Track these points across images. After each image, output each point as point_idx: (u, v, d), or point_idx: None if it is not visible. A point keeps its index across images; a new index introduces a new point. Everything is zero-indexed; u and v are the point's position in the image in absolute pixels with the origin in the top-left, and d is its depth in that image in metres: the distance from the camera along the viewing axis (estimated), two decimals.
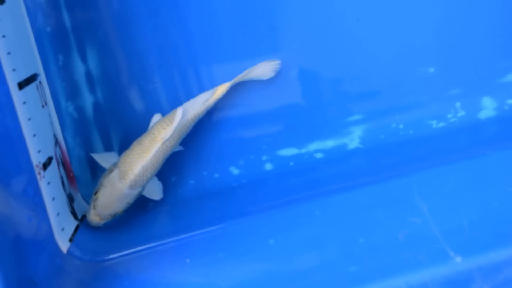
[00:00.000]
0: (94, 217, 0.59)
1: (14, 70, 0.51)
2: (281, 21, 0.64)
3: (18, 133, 0.50)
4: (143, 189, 0.61)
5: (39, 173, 0.52)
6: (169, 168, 0.64)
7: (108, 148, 0.66)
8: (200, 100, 0.61)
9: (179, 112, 0.60)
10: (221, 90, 0.62)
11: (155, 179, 0.63)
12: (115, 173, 0.59)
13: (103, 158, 0.63)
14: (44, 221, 0.51)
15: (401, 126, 0.67)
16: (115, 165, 0.60)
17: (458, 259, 0.45)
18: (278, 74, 0.65)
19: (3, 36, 0.50)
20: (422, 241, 0.49)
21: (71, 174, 0.64)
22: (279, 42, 0.64)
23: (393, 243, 0.50)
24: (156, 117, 0.63)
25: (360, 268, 0.48)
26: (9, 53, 0.51)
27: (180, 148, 0.63)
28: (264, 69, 0.63)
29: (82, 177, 0.66)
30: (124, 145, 0.65)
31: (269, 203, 0.59)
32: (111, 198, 0.58)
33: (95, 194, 0.59)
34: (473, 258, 0.45)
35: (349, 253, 0.50)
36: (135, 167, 0.59)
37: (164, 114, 0.63)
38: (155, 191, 0.64)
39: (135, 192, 0.59)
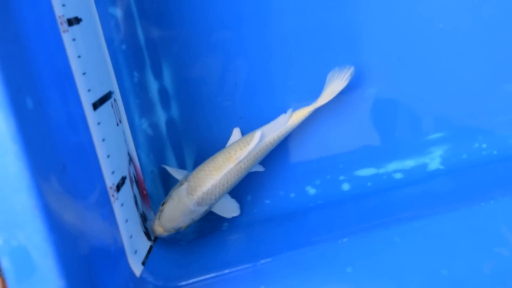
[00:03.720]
0: (158, 228, 0.58)
1: (89, 90, 0.51)
2: (358, 38, 0.62)
3: (92, 155, 0.49)
4: (210, 207, 0.60)
5: (113, 195, 0.51)
6: (245, 187, 0.63)
7: (181, 165, 0.65)
8: (279, 124, 0.60)
9: (257, 134, 0.59)
10: (300, 115, 0.60)
11: (229, 198, 0.62)
12: (184, 187, 0.58)
13: (175, 171, 0.62)
14: (117, 244, 0.51)
15: (484, 145, 0.64)
16: (186, 178, 0.59)
17: None
18: (355, 91, 0.63)
19: (79, 57, 0.50)
20: (509, 274, 0.46)
21: (145, 192, 0.63)
22: (356, 59, 0.62)
23: (478, 276, 0.47)
24: (236, 131, 0.63)
25: None
26: (84, 74, 0.50)
27: (261, 168, 0.62)
28: (338, 82, 0.61)
29: (156, 195, 0.65)
30: (198, 163, 0.64)
31: (346, 228, 0.57)
32: (177, 212, 0.58)
33: (163, 205, 0.59)
34: None
35: (431, 286, 0.47)
36: (204, 184, 0.58)
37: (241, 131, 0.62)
38: (230, 209, 0.63)
39: (201, 210, 0.59)
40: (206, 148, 0.64)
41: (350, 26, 0.62)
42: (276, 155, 0.64)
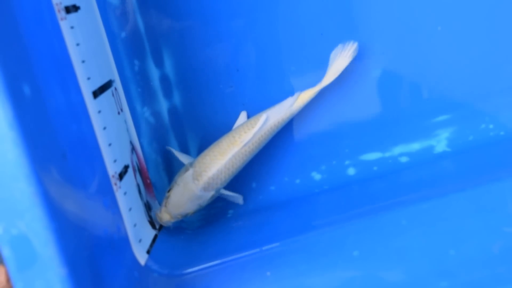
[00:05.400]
0: (165, 215, 0.58)
1: (88, 78, 0.50)
2: (362, 22, 0.61)
3: (93, 144, 0.49)
4: (217, 192, 0.59)
5: (115, 184, 0.51)
6: (250, 174, 0.63)
7: (184, 153, 0.64)
8: (284, 107, 0.59)
9: (262, 118, 0.58)
10: (305, 96, 0.59)
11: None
12: (189, 173, 0.58)
13: (181, 155, 0.62)
14: (121, 233, 0.50)
15: (491, 126, 0.63)
16: (191, 164, 0.58)
17: None
18: (359, 74, 0.62)
19: (77, 45, 0.49)
20: None
21: (148, 181, 0.63)
22: (360, 42, 0.61)
23: (487, 256, 0.46)
24: (242, 114, 0.62)
25: (452, 284, 0.44)
26: (83, 62, 0.50)
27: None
28: (342, 60, 0.60)
29: (159, 184, 0.64)
30: (201, 150, 0.63)
31: (353, 212, 0.56)
32: (183, 198, 0.57)
33: (168, 191, 0.58)
34: None
35: (439, 267, 0.47)
36: (209, 170, 0.57)
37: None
38: (235, 197, 0.63)
39: (208, 195, 0.58)
40: (209, 135, 0.63)
41: (352, 8, 0.61)
42: (280, 141, 0.63)
